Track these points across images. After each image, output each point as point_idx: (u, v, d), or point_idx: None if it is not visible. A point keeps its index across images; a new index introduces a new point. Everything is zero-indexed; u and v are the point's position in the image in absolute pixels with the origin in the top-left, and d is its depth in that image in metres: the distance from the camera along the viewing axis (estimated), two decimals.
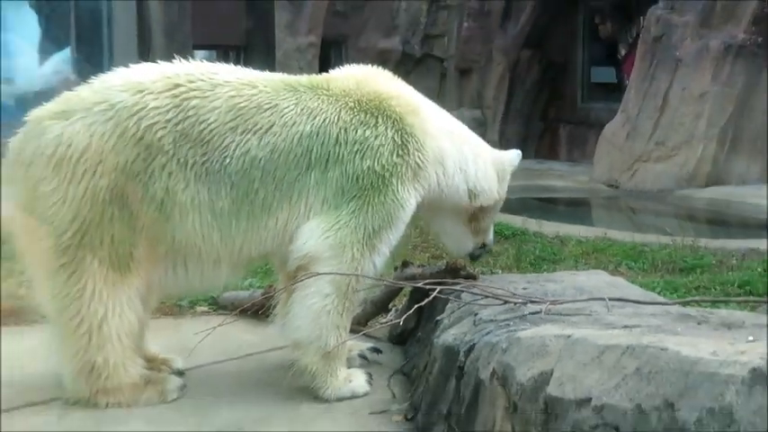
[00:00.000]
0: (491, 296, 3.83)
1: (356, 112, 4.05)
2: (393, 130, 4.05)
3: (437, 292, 3.90)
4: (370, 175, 3.99)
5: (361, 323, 4.86)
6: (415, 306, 4.12)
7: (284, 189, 3.96)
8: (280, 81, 4.12)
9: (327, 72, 4.34)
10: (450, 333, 3.72)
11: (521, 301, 3.71)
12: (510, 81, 16.38)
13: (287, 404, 4.01)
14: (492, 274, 5.01)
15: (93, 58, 13.23)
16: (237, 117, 3.91)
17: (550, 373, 2.86)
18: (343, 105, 4.06)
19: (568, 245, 7.86)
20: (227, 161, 3.88)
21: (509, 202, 4.66)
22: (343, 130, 4.01)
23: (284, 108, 3.99)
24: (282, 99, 4.01)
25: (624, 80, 14.96)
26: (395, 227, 4.06)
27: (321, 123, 4.00)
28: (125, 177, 3.80)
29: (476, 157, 4.40)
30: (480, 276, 4.62)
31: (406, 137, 4.07)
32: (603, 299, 3.65)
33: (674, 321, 3.19)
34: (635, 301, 3.70)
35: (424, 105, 4.31)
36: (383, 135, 4.04)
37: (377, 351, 4.61)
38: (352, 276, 3.93)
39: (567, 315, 3.45)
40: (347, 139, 4.00)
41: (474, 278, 4.49)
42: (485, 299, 3.86)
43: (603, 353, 2.76)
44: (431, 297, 3.90)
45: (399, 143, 4.05)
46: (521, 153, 4.70)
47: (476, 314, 3.73)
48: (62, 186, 3.78)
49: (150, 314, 4.33)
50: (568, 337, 2.96)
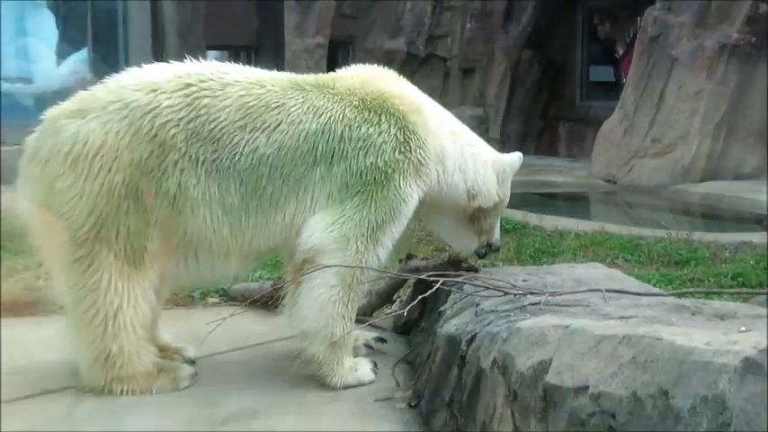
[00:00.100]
0: (492, 288, 3.82)
1: (360, 111, 4.04)
2: (396, 128, 4.05)
3: (440, 283, 3.90)
4: (373, 170, 3.98)
5: (367, 314, 4.86)
6: (419, 297, 4.12)
7: (291, 184, 3.96)
8: (287, 80, 4.12)
9: (334, 72, 4.34)
10: (453, 323, 3.71)
11: (521, 292, 3.70)
12: (511, 80, 16.37)
13: (295, 392, 4.01)
14: (493, 266, 5.00)
15: (109, 59, 13.24)
16: (247, 115, 3.91)
17: (549, 362, 2.85)
18: (348, 104, 4.05)
19: (567, 238, 7.84)
20: (236, 158, 3.88)
21: (510, 196, 4.62)
22: (347, 128, 4.00)
23: (291, 106, 3.98)
24: (290, 98, 4.00)
25: (622, 79, 14.95)
26: (397, 221, 4.05)
27: (326, 121, 3.99)
28: (139, 173, 3.80)
29: (476, 157, 4.37)
30: (482, 268, 4.60)
31: (408, 134, 4.06)
32: (601, 290, 3.64)
33: (668, 312, 3.18)
34: (631, 293, 3.69)
35: (426, 105, 4.29)
36: (386, 132, 4.03)
37: (382, 341, 4.61)
38: (356, 268, 3.93)
39: (566, 306, 3.44)
40: (351, 136, 3.99)
41: (475, 270, 4.48)
42: (486, 290, 3.85)
43: (600, 342, 2.75)
44: (434, 288, 3.91)
45: (402, 140, 4.04)
46: (522, 156, 4.60)
47: (477, 305, 3.72)
48: (79, 182, 3.78)
49: (163, 305, 4.34)
50: (567, 327, 2.95)
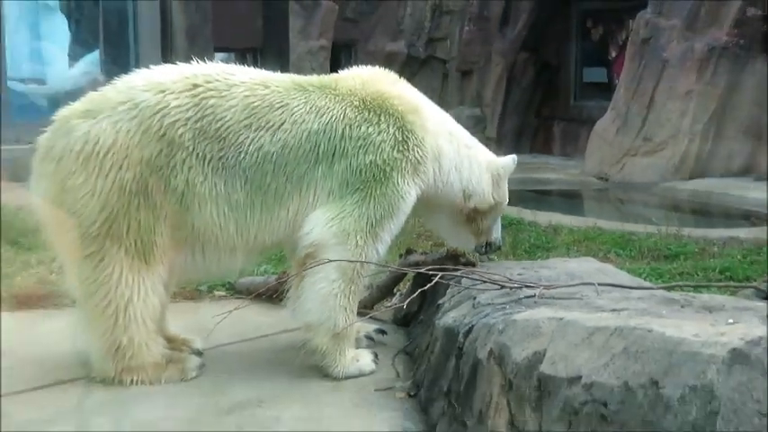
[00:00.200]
0: (489, 281, 3.82)
1: (360, 111, 4.04)
2: (394, 127, 4.04)
3: (439, 277, 3.90)
4: (372, 168, 3.98)
5: (368, 306, 4.85)
6: (418, 290, 4.11)
7: (294, 182, 3.96)
8: (290, 81, 4.11)
9: (337, 73, 4.33)
10: (451, 315, 3.71)
11: (516, 285, 3.69)
12: (507, 81, 16.36)
13: (298, 381, 4.01)
14: (490, 260, 4.99)
15: (120, 60, 13.22)
16: (251, 115, 3.91)
17: (543, 353, 2.85)
18: (349, 104, 4.04)
19: (561, 233, 7.84)
20: (241, 156, 3.88)
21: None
22: (348, 127, 3.99)
23: (294, 106, 3.98)
24: (293, 98, 4.00)
25: (614, 80, 14.93)
26: (396, 217, 4.04)
27: (328, 121, 3.98)
28: (149, 171, 3.80)
29: (471, 159, 4.34)
30: (479, 263, 4.59)
31: (406, 134, 4.05)
32: (593, 284, 3.64)
33: (659, 305, 3.17)
34: (623, 286, 3.68)
35: (425, 105, 4.28)
36: (385, 131, 4.02)
37: (382, 332, 4.60)
38: (357, 262, 3.92)
39: (560, 299, 3.43)
40: (352, 135, 3.99)
41: (473, 265, 4.48)
42: (483, 284, 3.84)
43: (593, 334, 2.75)
44: (433, 282, 3.91)
45: (400, 139, 4.03)
46: (516, 158, 4.55)
47: (474, 298, 3.72)
48: (90, 180, 3.78)
49: (171, 298, 4.34)
50: (560, 319, 2.95)
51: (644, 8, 13.16)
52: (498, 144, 15.12)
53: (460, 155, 4.30)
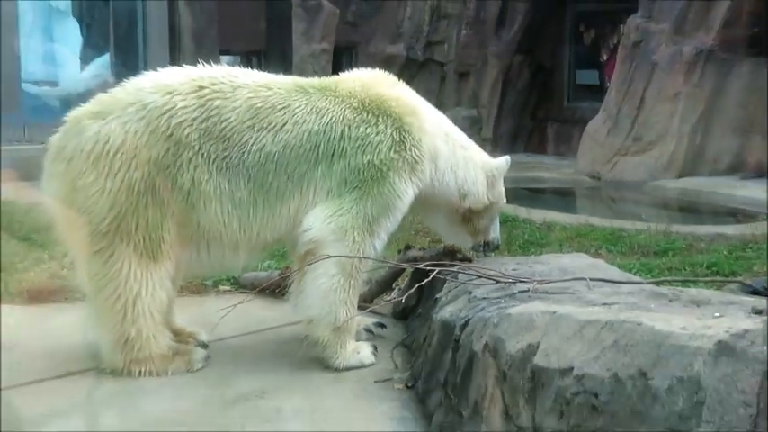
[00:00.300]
0: (484, 276, 3.81)
1: (359, 112, 4.03)
2: (392, 129, 4.03)
3: (436, 272, 3.89)
4: (369, 168, 3.97)
5: (368, 301, 4.85)
6: (416, 285, 4.12)
7: (295, 180, 3.96)
8: (292, 83, 4.10)
9: (338, 75, 4.32)
10: (448, 309, 3.70)
11: (511, 280, 3.69)
12: (503, 83, 16.33)
13: (300, 373, 4.01)
14: (486, 256, 4.98)
15: (130, 63, 13.22)
16: (254, 116, 3.91)
17: (537, 346, 2.84)
18: (348, 106, 4.04)
19: (554, 230, 7.83)
20: (245, 156, 3.88)
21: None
22: (347, 128, 3.99)
23: (296, 108, 3.97)
24: (294, 100, 4.00)
25: (606, 82, 14.91)
26: (392, 215, 4.03)
27: (328, 122, 3.98)
28: (156, 170, 3.80)
29: (467, 159, 4.33)
30: (475, 258, 4.59)
31: (403, 135, 4.04)
32: (585, 279, 3.63)
33: (648, 299, 3.17)
34: (613, 281, 3.68)
35: (422, 107, 4.26)
36: (383, 132, 4.01)
37: (381, 326, 4.60)
38: (355, 258, 3.92)
39: (553, 293, 3.42)
40: (350, 136, 3.98)
41: (469, 260, 4.47)
42: (479, 279, 3.84)
43: (584, 327, 2.75)
44: (430, 277, 3.89)
45: (397, 140, 4.02)
46: (509, 159, 4.53)
47: (470, 292, 3.71)
48: (100, 179, 3.78)
49: (177, 292, 4.34)
50: (553, 313, 2.94)
51: (634, 13, 13.15)
52: (494, 144, 15.11)
53: (456, 156, 4.29)
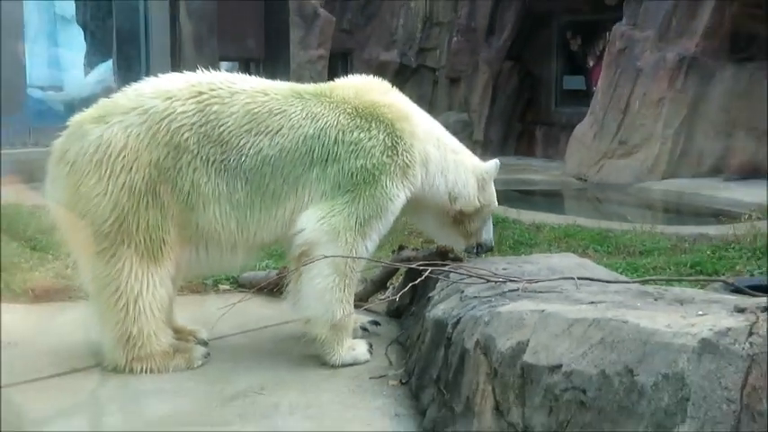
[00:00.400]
0: (475, 276, 3.80)
1: (353, 117, 4.02)
2: (384, 134, 4.02)
3: (429, 272, 3.88)
4: (362, 172, 3.96)
5: (363, 299, 4.85)
6: (410, 284, 4.12)
7: (291, 183, 3.94)
8: (288, 89, 4.09)
9: (333, 81, 4.31)
10: (440, 308, 3.70)
11: (501, 280, 3.68)
12: (493, 88, 16.34)
13: (298, 370, 4.00)
14: (478, 257, 4.98)
15: (132, 69, 13.18)
16: (252, 121, 3.90)
17: (526, 343, 2.84)
18: (342, 111, 4.02)
19: (543, 231, 7.83)
20: (242, 159, 3.87)
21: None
22: (341, 132, 3.98)
23: (292, 113, 3.96)
24: (290, 105, 3.99)
25: (592, 87, 14.91)
26: (384, 217, 4.02)
27: (322, 126, 3.97)
28: (157, 172, 3.79)
29: (458, 163, 4.31)
30: (466, 258, 4.58)
31: (395, 140, 4.03)
32: (573, 278, 3.62)
33: (634, 298, 3.16)
34: (600, 280, 3.67)
35: (414, 113, 4.25)
36: (375, 137, 4.00)
37: (376, 324, 4.59)
38: (349, 258, 3.90)
39: (542, 292, 3.42)
40: (344, 140, 3.97)
41: (461, 260, 4.46)
42: (470, 278, 3.83)
43: (572, 325, 2.74)
44: (423, 276, 3.89)
45: (389, 145, 4.01)
46: (499, 163, 4.50)
47: (462, 291, 3.70)
48: (102, 181, 3.76)
49: (178, 291, 4.32)
50: (542, 311, 2.94)
51: (620, 21, 13.17)
52: (484, 147, 15.10)
53: (447, 160, 4.27)
